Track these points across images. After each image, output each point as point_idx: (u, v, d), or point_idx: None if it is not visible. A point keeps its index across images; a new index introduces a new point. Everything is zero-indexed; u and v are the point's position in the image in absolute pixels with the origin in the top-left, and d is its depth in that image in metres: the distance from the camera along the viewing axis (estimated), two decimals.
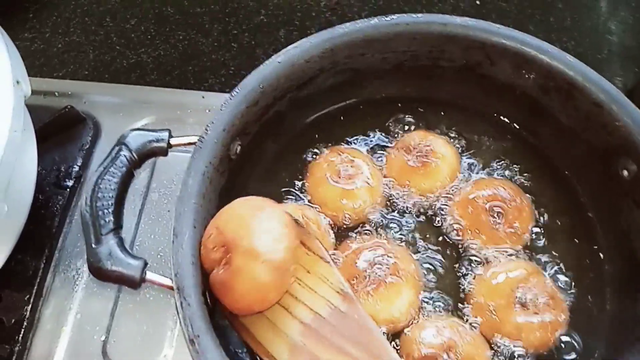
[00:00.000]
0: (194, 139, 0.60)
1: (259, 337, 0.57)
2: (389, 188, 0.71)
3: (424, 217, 0.69)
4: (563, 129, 0.69)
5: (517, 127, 0.74)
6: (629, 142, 0.61)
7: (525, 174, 0.71)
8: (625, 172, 0.63)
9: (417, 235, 0.68)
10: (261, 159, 0.71)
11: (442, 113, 0.75)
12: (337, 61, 0.69)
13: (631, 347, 0.58)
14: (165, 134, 0.59)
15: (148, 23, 1.06)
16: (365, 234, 0.68)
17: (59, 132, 0.82)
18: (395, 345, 0.61)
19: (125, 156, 0.56)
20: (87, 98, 0.90)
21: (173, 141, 0.59)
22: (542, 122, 0.71)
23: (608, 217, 0.67)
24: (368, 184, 0.69)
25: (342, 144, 0.74)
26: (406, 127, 0.75)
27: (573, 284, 0.65)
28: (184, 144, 0.60)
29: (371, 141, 0.74)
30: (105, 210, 0.53)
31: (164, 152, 0.59)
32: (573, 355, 0.61)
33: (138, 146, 0.57)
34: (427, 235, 0.68)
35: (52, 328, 0.74)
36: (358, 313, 0.57)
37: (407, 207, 0.70)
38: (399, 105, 0.76)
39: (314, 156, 0.73)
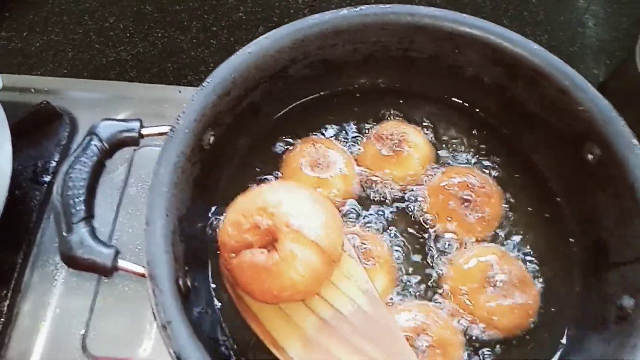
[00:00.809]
0: (166, 129, 0.60)
1: (269, 327, 0.55)
2: (363, 177, 0.72)
3: (397, 205, 0.70)
4: (531, 116, 0.71)
5: (487, 116, 0.75)
6: (592, 127, 0.63)
7: (495, 162, 0.73)
8: (590, 156, 0.64)
9: (390, 222, 0.69)
10: (236, 150, 0.72)
11: (415, 103, 0.77)
12: (308, 52, 0.70)
13: (598, 326, 0.59)
14: (137, 124, 0.59)
15: (127, 21, 1.07)
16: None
17: (35, 128, 0.82)
18: None
19: (96, 146, 0.56)
20: (64, 94, 0.90)
21: (144, 131, 0.60)
22: (510, 111, 0.73)
23: (575, 201, 0.68)
24: (342, 172, 0.70)
25: (317, 134, 0.75)
26: (379, 118, 0.76)
27: (543, 267, 0.66)
28: (156, 134, 0.60)
29: (345, 132, 0.75)
30: (77, 199, 0.54)
31: (135, 142, 0.60)
32: (545, 335, 0.63)
33: (109, 136, 0.58)
34: (400, 223, 0.69)
35: (31, 324, 0.74)
36: (382, 315, 0.56)
37: (380, 195, 0.71)
38: (372, 96, 0.77)
39: (289, 147, 0.74)
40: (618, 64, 0.99)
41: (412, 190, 0.71)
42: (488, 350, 0.61)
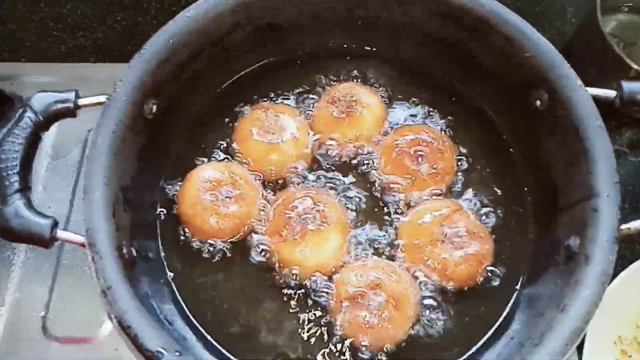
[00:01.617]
0: (103, 98, 0.59)
1: None
2: (316, 140, 0.71)
3: (352, 166, 0.70)
4: (481, 69, 0.70)
5: (438, 72, 0.74)
6: (538, 72, 0.62)
7: (449, 118, 0.72)
8: (539, 102, 0.64)
9: (345, 183, 0.69)
10: (184, 119, 0.71)
11: (366, 64, 0.76)
12: (252, 16, 0.68)
13: (549, 269, 0.59)
14: (72, 94, 0.58)
15: (84, 6, 1.05)
16: (295, 185, 0.68)
17: None
18: (328, 289, 0.62)
19: (29, 117, 0.55)
20: (17, 79, 0.89)
21: (81, 101, 0.59)
22: (461, 66, 0.72)
23: (528, 150, 0.68)
24: (294, 137, 0.69)
25: (267, 100, 0.74)
26: (331, 80, 0.75)
27: (497, 217, 0.66)
28: (93, 104, 0.59)
29: (296, 96, 0.74)
30: (10, 172, 0.53)
31: (71, 112, 0.58)
32: (500, 283, 0.62)
33: (43, 107, 0.56)
34: (355, 183, 0.69)
35: None
36: None
37: (334, 158, 0.70)
38: (322, 59, 0.76)
39: (240, 114, 0.73)
40: (582, 21, 0.98)
41: (366, 150, 0.70)
42: (444, 302, 0.61)
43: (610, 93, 0.59)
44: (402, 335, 0.59)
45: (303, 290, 0.62)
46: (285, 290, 0.63)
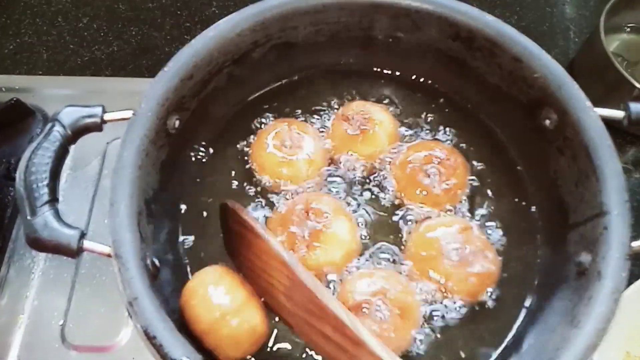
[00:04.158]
0: (129, 113, 0.61)
1: None
2: (332, 157, 0.73)
3: (365, 182, 0.71)
4: (490, 88, 0.72)
5: (448, 91, 0.77)
6: (547, 93, 0.64)
7: (458, 136, 0.74)
8: (548, 122, 0.66)
9: (357, 199, 0.70)
10: (204, 134, 0.73)
11: (379, 82, 0.78)
12: (270, 34, 0.71)
13: (559, 285, 0.60)
14: (99, 109, 0.60)
15: (100, 20, 1.08)
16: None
17: (6, 126, 0.83)
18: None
19: (58, 132, 0.57)
20: (35, 92, 0.91)
21: (107, 116, 0.61)
22: (471, 85, 0.74)
23: (536, 169, 0.69)
24: (309, 157, 0.70)
25: (287, 116, 0.76)
26: (344, 98, 0.77)
27: (506, 235, 0.67)
28: (119, 119, 0.61)
29: (311, 113, 0.76)
30: (40, 184, 0.55)
31: (98, 127, 0.60)
32: (508, 300, 0.64)
33: (71, 122, 0.59)
34: (369, 198, 0.70)
35: (9, 317, 0.75)
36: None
37: (349, 174, 0.72)
38: (337, 77, 0.78)
39: (262, 126, 0.74)
40: (585, 41, 1.01)
41: (380, 167, 0.72)
42: (450, 316, 0.62)
43: (619, 113, 0.61)
44: (405, 346, 0.60)
45: None
46: None
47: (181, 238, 0.68)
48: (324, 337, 0.52)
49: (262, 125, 0.75)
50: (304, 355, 0.62)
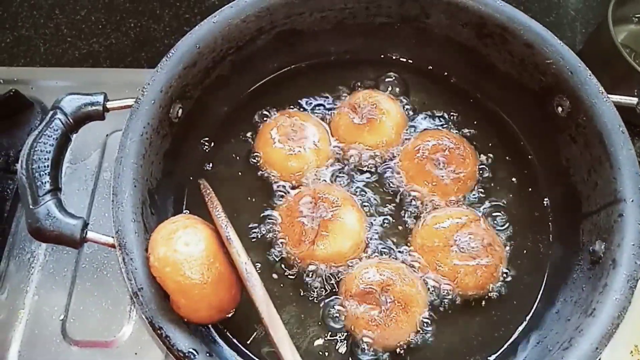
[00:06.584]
0: (131, 101, 0.60)
1: None
2: (337, 148, 0.71)
3: (371, 172, 0.70)
4: (501, 76, 0.71)
5: (459, 79, 0.76)
6: (560, 79, 0.63)
7: (468, 124, 0.73)
8: (560, 109, 0.65)
9: (365, 189, 0.69)
10: (207, 123, 0.71)
11: (386, 70, 0.77)
12: (275, 21, 0.69)
13: (572, 274, 0.59)
14: (101, 97, 0.59)
15: (98, 13, 1.06)
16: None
17: (5, 118, 0.81)
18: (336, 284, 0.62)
19: (60, 119, 0.56)
20: (34, 84, 0.89)
21: (109, 104, 0.59)
22: (481, 73, 0.73)
23: (548, 156, 0.68)
24: (316, 147, 0.69)
25: (291, 107, 0.74)
26: (352, 87, 0.76)
27: (516, 226, 0.66)
28: (121, 107, 0.60)
29: (318, 103, 0.75)
30: (42, 172, 0.53)
31: (100, 115, 0.59)
32: (521, 292, 0.63)
33: (73, 110, 0.57)
34: (375, 188, 0.69)
35: (9, 312, 0.73)
36: None
37: (355, 165, 0.70)
38: (344, 65, 0.77)
39: (265, 119, 0.73)
40: (593, 31, 1.00)
41: (387, 155, 0.71)
42: (456, 307, 0.61)
43: (632, 100, 0.60)
44: (407, 337, 0.59)
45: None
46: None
47: None
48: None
49: (265, 118, 0.73)
50: None
